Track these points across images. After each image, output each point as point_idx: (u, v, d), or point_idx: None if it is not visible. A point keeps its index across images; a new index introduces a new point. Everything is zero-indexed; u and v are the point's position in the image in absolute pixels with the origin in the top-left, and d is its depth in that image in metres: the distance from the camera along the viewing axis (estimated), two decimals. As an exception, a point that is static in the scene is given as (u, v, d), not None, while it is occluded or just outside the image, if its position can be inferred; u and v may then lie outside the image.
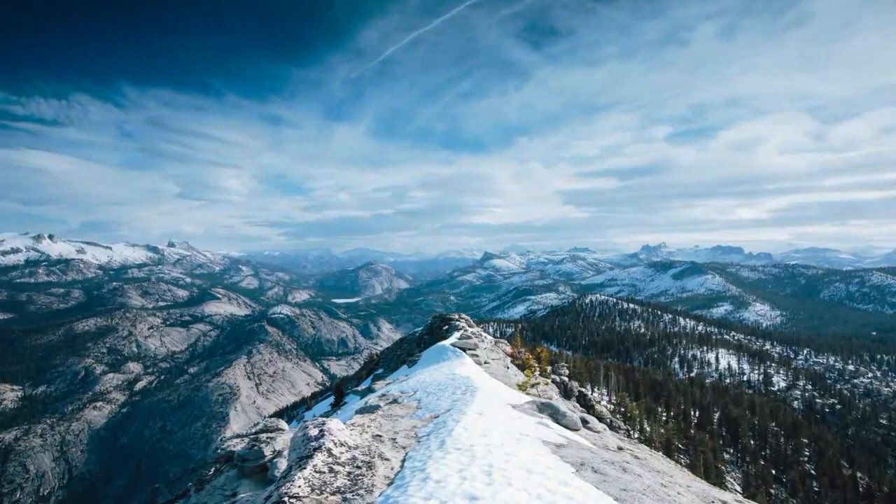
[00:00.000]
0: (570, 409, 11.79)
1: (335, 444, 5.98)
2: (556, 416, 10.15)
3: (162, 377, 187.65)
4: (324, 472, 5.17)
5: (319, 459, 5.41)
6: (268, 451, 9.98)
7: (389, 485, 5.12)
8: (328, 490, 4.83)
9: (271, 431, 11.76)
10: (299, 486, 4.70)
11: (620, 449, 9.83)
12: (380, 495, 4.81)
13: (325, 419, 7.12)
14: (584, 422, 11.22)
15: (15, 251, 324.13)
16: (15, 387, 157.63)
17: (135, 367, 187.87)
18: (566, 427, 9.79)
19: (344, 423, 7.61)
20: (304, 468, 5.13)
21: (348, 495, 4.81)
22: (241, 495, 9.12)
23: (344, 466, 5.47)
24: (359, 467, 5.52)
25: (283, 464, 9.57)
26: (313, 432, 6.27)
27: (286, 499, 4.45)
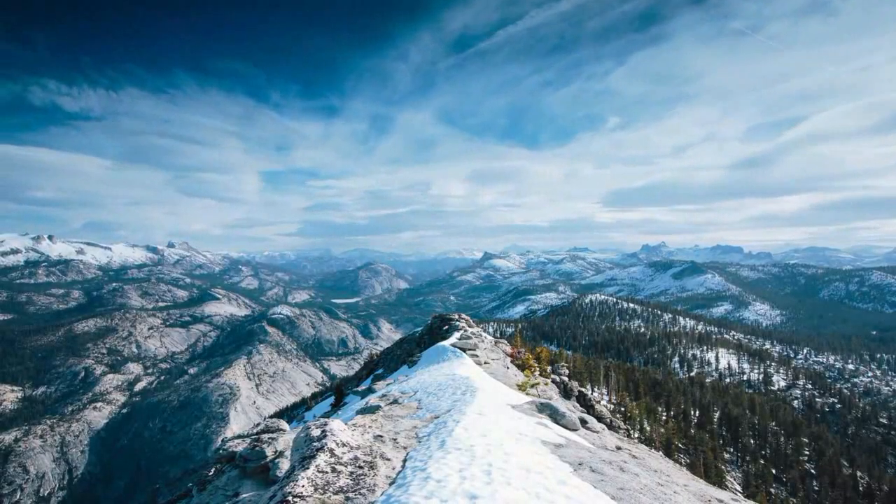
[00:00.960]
0: (569, 409, 11.87)
1: (337, 444, 6.08)
2: (556, 416, 10.24)
3: (162, 378, 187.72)
4: (326, 472, 5.27)
5: (322, 459, 5.50)
6: (269, 452, 10.04)
7: (391, 484, 5.21)
8: (331, 489, 4.93)
9: (272, 432, 11.82)
10: (303, 486, 4.80)
11: (619, 449, 9.93)
12: (382, 494, 4.91)
13: (326, 420, 7.21)
14: (583, 422, 11.31)
15: (14, 252, 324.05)
16: (15, 387, 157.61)
17: (135, 368, 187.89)
18: (565, 427, 9.88)
19: (345, 424, 7.70)
20: (308, 468, 5.23)
21: (351, 494, 4.91)
22: (244, 495, 9.18)
23: (346, 466, 5.57)
24: (361, 467, 5.61)
25: (284, 464, 9.64)
26: (315, 433, 6.37)
27: (290, 498, 4.54)
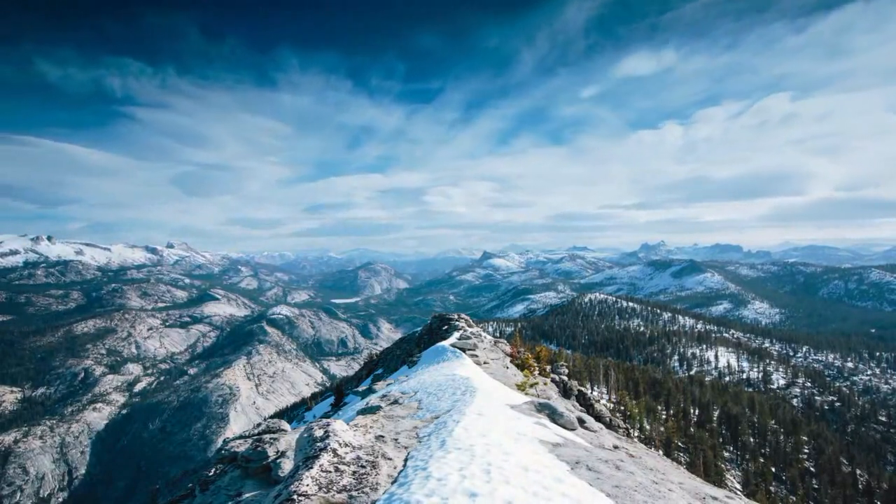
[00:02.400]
0: (567, 409, 12.00)
1: (340, 444, 6.23)
2: (554, 415, 10.38)
3: (161, 378, 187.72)
4: (330, 472, 5.43)
5: (326, 459, 5.66)
6: (271, 452, 10.15)
7: (393, 483, 5.38)
8: (335, 488, 5.09)
9: (274, 432, 11.92)
10: (307, 485, 4.96)
11: (616, 448, 10.07)
12: (384, 493, 5.07)
13: (329, 420, 7.35)
14: (581, 421, 11.45)
15: (13, 253, 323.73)
16: (14, 388, 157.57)
17: (134, 369, 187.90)
18: (563, 427, 10.02)
19: (347, 424, 7.84)
20: (312, 468, 5.39)
21: (354, 493, 5.06)
22: (246, 495, 9.29)
23: (349, 466, 5.73)
24: (363, 466, 5.77)
25: (286, 464, 9.75)
26: (318, 433, 6.52)
27: (295, 496, 4.69)
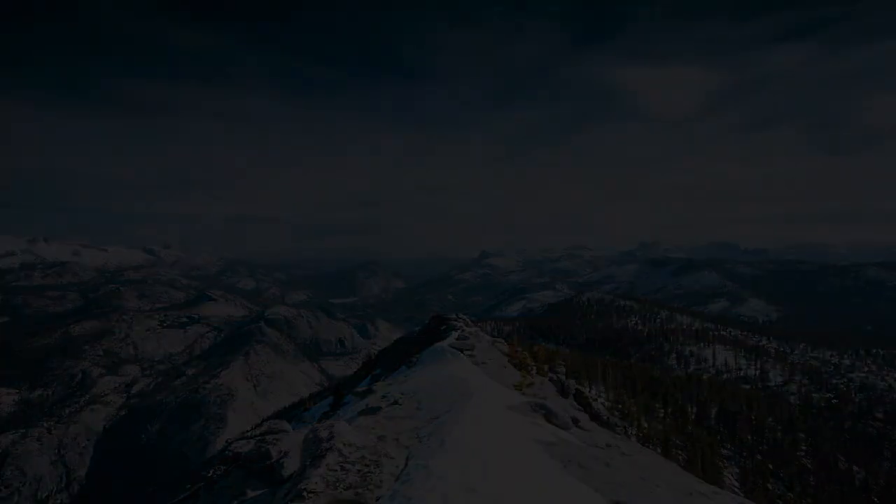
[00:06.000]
0: (562, 408, 12.32)
1: (344, 444, 6.57)
2: (549, 415, 10.70)
3: (159, 379, 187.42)
4: (336, 470, 5.79)
5: (331, 458, 6.01)
6: (274, 452, 10.34)
7: (396, 480, 5.75)
8: (342, 485, 5.44)
9: (276, 433, 12.12)
10: (316, 483, 5.32)
11: (608, 446, 10.39)
12: (388, 489, 5.39)
13: (333, 422, 7.64)
14: (576, 421, 11.77)
15: (10, 254, 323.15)
16: (11, 390, 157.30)
17: (132, 370, 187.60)
18: (557, 426, 10.33)
19: (350, 425, 8.12)
20: (319, 466, 5.73)
21: (360, 490, 5.40)
22: (250, 495, 9.52)
23: (354, 464, 6.08)
24: (367, 465, 6.11)
25: (290, 464, 9.98)
26: (323, 434, 6.83)
27: (305, 493, 5.01)
